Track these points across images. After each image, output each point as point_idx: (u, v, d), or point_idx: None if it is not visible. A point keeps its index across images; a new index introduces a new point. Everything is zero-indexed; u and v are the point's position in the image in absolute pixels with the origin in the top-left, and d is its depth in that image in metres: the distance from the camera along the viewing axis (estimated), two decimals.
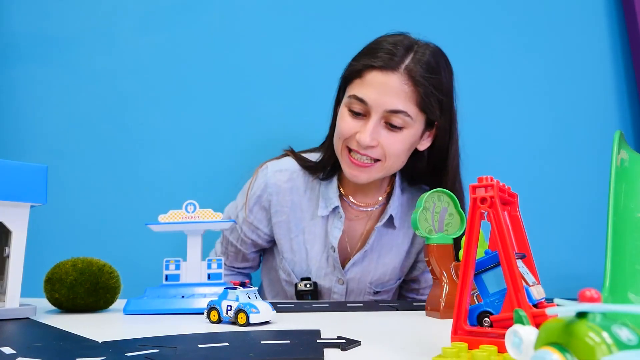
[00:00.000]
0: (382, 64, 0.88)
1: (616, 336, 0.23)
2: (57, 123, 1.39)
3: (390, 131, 0.90)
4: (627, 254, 0.52)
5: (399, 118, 0.89)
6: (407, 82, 0.87)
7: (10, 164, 0.68)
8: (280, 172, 1.05)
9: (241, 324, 0.58)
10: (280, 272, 1.09)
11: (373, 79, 0.88)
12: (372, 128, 0.89)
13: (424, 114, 0.91)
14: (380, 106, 0.88)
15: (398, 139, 0.91)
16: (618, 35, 1.48)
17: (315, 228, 1.04)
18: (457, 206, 0.75)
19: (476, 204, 0.42)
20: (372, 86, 0.88)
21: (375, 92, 0.88)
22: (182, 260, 0.78)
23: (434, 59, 0.90)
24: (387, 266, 1.06)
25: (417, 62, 0.88)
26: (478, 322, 0.42)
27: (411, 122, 0.90)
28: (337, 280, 1.05)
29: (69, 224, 1.33)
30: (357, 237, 1.06)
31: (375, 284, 1.06)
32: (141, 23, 1.43)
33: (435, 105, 0.90)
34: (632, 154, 0.64)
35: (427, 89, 0.88)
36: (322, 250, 1.04)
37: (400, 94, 0.87)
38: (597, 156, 1.32)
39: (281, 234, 1.05)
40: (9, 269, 0.68)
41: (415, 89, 0.88)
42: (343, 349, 0.44)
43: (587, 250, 1.17)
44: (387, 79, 0.87)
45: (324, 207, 1.02)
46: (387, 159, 0.92)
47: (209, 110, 1.40)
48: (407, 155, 0.96)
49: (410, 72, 0.87)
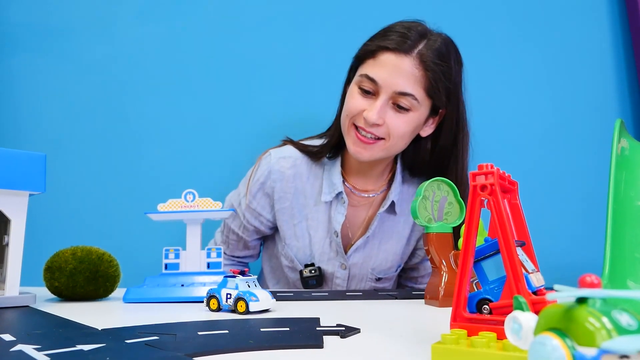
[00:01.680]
0: (395, 46, 0.91)
1: (616, 321, 0.23)
2: (56, 112, 1.38)
3: (397, 112, 0.93)
4: (627, 242, 0.53)
5: (407, 100, 0.91)
6: (418, 66, 0.90)
7: (9, 153, 0.68)
8: (284, 159, 1.06)
9: (241, 312, 0.59)
10: (282, 258, 1.09)
11: (386, 60, 0.91)
12: (380, 107, 0.91)
13: (430, 99, 0.94)
14: (389, 87, 0.91)
15: (403, 120, 0.93)
16: (619, 25, 1.47)
17: (318, 214, 1.05)
18: (457, 195, 0.75)
19: (476, 191, 0.42)
20: (384, 67, 0.91)
21: (386, 73, 0.91)
22: (182, 249, 0.78)
23: (445, 47, 0.93)
24: (389, 252, 1.07)
25: (429, 48, 0.91)
26: (477, 310, 0.42)
27: (417, 105, 0.92)
28: (340, 265, 1.06)
29: (68, 212, 1.33)
30: (359, 224, 1.07)
31: (377, 270, 1.08)
32: (140, 13, 1.42)
33: (442, 92, 0.93)
34: (632, 143, 0.64)
35: (436, 74, 0.91)
36: (325, 236, 1.05)
37: (410, 77, 0.90)
38: (598, 145, 1.32)
39: (284, 220, 1.06)
40: (8, 257, 0.68)
41: (425, 73, 0.90)
42: (342, 337, 0.44)
43: (586, 238, 1.17)
44: (400, 61, 0.90)
45: (327, 192, 1.03)
46: (391, 139, 0.94)
47: (209, 100, 1.40)
48: (410, 138, 0.98)
49: (422, 57, 0.90)
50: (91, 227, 1.33)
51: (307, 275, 1.03)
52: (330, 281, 1.07)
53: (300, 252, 1.06)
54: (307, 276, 1.03)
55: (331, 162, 1.06)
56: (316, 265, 1.05)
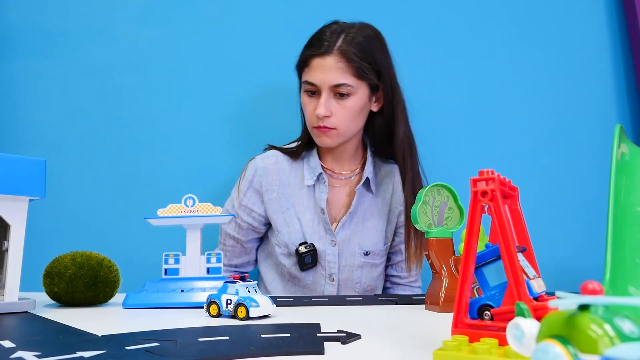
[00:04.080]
0: (319, 51, 1.08)
1: (618, 328, 0.23)
2: (55, 117, 1.38)
3: (340, 99, 1.09)
4: (628, 248, 0.52)
5: (343, 88, 1.08)
6: (340, 59, 1.07)
7: (9, 158, 0.67)
8: (267, 158, 1.19)
9: (241, 318, 0.58)
10: (277, 248, 1.16)
11: (315, 64, 1.09)
12: (324, 101, 1.08)
13: (363, 80, 1.09)
14: (326, 83, 1.08)
15: (347, 106, 1.09)
16: (617, 30, 1.47)
17: (303, 199, 1.17)
18: (457, 200, 0.75)
19: (477, 197, 0.42)
20: (316, 70, 1.09)
21: (319, 74, 1.08)
22: (182, 254, 0.78)
23: (362, 37, 1.09)
24: (371, 229, 1.17)
25: (347, 43, 1.07)
26: (478, 316, 0.42)
27: (354, 89, 1.08)
28: (330, 242, 1.15)
29: (67, 217, 1.33)
30: (342, 203, 1.18)
31: (364, 245, 1.16)
32: (140, 17, 1.43)
33: (370, 72, 1.08)
34: (632, 148, 0.64)
35: (358, 62, 1.07)
36: (313, 217, 1.16)
37: (338, 70, 1.07)
38: (598, 150, 1.32)
39: (274, 210, 1.16)
40: (7, 262, 0.68)
41: (348, 64, 1.07)
42: (343, 343, 0.44)
43: (587, 243, 1.17)
44: (325, 61, 1.07)
45: (309, 177, 1.16)
46: (342, 126, 1.10)
47: (208, 105, 1.40)
48: (360, 116, 1.13)
49: (342, 52, 1.07)
50: (91, 232, 1.32)
51: (303, 252, 1.12)
52: (323, 259, 1.14)
53: (292, 236, 1.15)
54: (303, 252, 1.12)
55: (308, 153, 1.19)
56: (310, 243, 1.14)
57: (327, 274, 1.14)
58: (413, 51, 1.44)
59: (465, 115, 1.43)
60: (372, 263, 1.16)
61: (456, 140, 1.41)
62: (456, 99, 1.43)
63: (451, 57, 1.44)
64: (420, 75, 1.44)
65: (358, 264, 1.15)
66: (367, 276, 1.16)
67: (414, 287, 1.21)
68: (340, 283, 1.15)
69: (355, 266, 1.15)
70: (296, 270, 1.14)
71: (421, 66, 1.44)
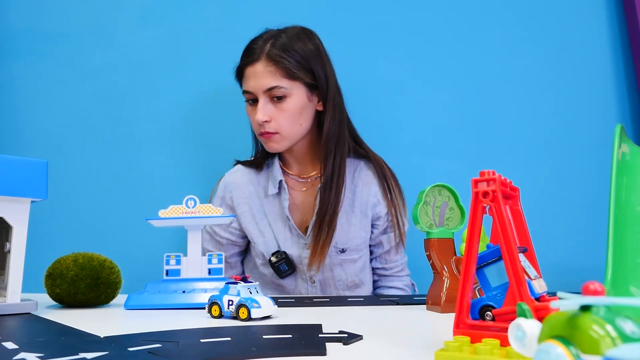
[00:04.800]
0: (250, 59, 1.11)
1: (620, 329, 0.23)
2: (56, 118, 1.39)
3: (277, 103, 1.10)
4: (629, 248, 0.52)
5: (277, 91, 1.09)
6: (268, 63, 1.09)
7: (10, 160, 0.68)
8: (235, 172, 1.22)
9: (242, 319, 0.59)
10: (256, 259, 1.17)
11: (248, 72, 1.11)
12: (262, 107, 1.10)
13: (295, 81, 1.10)
14: (259, 88, 1.10)
15: (285, 108, 1.10)
16: (618, 30, 1.47)
17: (272, 207, 1.18)
18: (458, 200, 0.75)
19: (478, 198, 0.42)
20: (250, 78, 1.11)
21: (252, 81, 1.10)
22: (183, 255, 0.78)
23: (287, 39, 1.11)
24: (345, 225, 1.16)
25: (273, 47, 1.09)
26: (480, 316, 0.42)
27: (288, 90, 1.10)
28: (304, 245, 1.15)
29: (69, 219, 1.33)
30: (309, 206, 1.18)
31: (338, 243, 1.15)
32: (140, 18, 1.43)
33: (301, 71, 1.10)
34: (633, 148, 0.64)
35: (287, 64, 1.08)
36: (283, 225, 1.16)
37: (267, 74, 1.09)
38: (598, 150, 1.32)
39: (247, 222, 1.17)
40: (10, 264, 0.68)
41: (276, 66, 1.08)
42: (345, 343, 0.44)
43: (588, 244, 1.17)
44: (255, 68, 1.10)
45: (272, 186, 1.17)
46: (284, 128, 1.11)
47: (209, 105, 1.40)
48: (303, 117, 1.13)
49: (270, 56, 1.09)
50: (92, 233, 1.33)
51: (276, 261, 1.13)
52: (300, 263, 1.15)
53: (268, 246, 1.16)
54: (276, 261, 1.13)
55: (271, 161, 1.20)
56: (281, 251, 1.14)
57: (308, 277, 1.15)
58: (414, 51, 1.44)
59: (466, 116, 1.43)
60: (350, 259, 1.16)
61: (457, 140, 1.42)
62: (457, 100, 1.43)
63: (452, 57, 1.44)
64: (421, 76, 1.44)
65: (336, 262, 1.16)
66: (348, 272, 1.16)
67: (402, 277, 1.22)
68: (322, 283, 1.16)
69: (334, 265, 1.15)
70: (277, 278, 1.15)
71: (422, 66, 1.44)
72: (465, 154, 1.40)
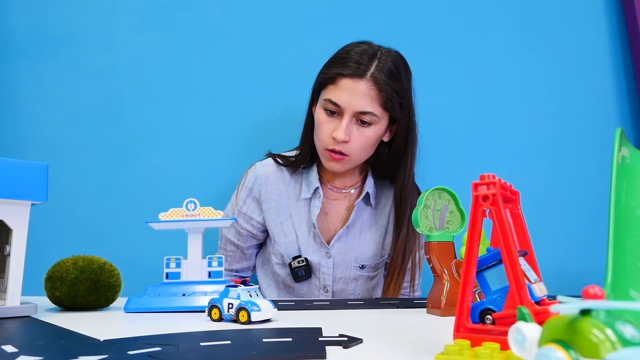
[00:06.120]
0: (351, 72, 1.03)
1: (620, 333, 0.23)
2: (57, 121, 1.39)
3: (361, 126, 1.06)
4: (629, 251, 0.53)
5: (368, 117, 1.04)
6: (372, 87, 1.03)
7: (11, 162, 0.68)
8: (267, 166, 1.18)
9: (242, 322, 0.58)
10: (273, 257, 1.16)
11: (344, 85, 1.03)
12: (346, 126, 1.04)
13: (387, 112, 1.06)
14: (351, 107, 1.03)
15: (366, 135, 1.06)
16: (617, 33, 1.47)
17: (300, 211, 1.16)
18: (458, 204, 0.75)
19: (478, 201, 0.42)
20: (344, 91, 1.03)
21: (346, 96, 1.03)
22: (183, 258, 0.78)
23: (394, 65, 1.06)
24: (369, 241, 1.16)
25: (380, 70, 1.03)
26: (480, 320, 0.42)
27: (377, 119, 1.05)
28: (325, 254, 1.14)
29: (69, 222, 1.33)
30: (340, 216, 1.17)
31: (360, 259, 1.15)
32: (140, 21, 1.43)
33: (396, 105, 1.05)
34: (633, 151, 0.64)
35: (389, 92, 1.03)
36: (308, 230, 1.15)
37: (367, 97, 1.03)
38: (598, 153, 1.33)
39: (272, 219, 1.15)
40: (9, 267, 0.68)
41: (379, 93, 1.03)
42: (345, 347, 0.44)
43: (588, 247, 1.17)
44: (356, 84, 1.03)
45: (306, 190, 1.15)
46: (355, 154, 1.08)
47: (209, 108, 1.40)
48: (373, 147, 1.11)
49: (375, 79, 1.03)
50: (92, 236, 1.33)
51: (296, 266, 1.12)
52: (318, 270, 1.14)
53: (289, 248, 1.14)
54: (296, 267, 1.12)
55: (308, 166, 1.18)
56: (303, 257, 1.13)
57: (322, 285, 1.14)
58: (413, 54, 1.44)
59: (466, 119, 1.43)
60: (367, 276, 1.16)
61: (457, 144, 1.42)
62: (457, 103, 1.43)
63: (452, 60, 1.44)
64: (420, 79, 1.44)
65: (353, 277, 1.15)
66: (362, 288, 1.16)
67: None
68: (334, 294, 1.15)
69: (351, 279, 1.15)
70: (290, 280, 1.14)
71: (421, 69, 1.44)
72: (466, 158, 1.40)
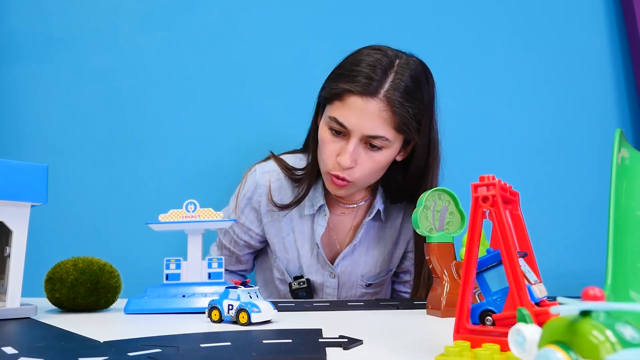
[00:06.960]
0: (360, 90, 0.88)
1: (620, 334, 0.23)
2: (57, 122, 1.39)
3: (370, 150, 0.93)
4: (629, 252, 0.53)
5: (378, 141, 0.91)
6: (385, 108, 0.88)
7: (10, 164, 0.68)
8: (268, 173, 1.07)
9: (242, 324, 0.58)
10: (275, 271, 1.11)
11: (353, 103, 0.89)
12: (352, 151, 0.91)
13: (401, 134, 0.93)
14: (359, 130, 0.90)
15: (375, 160, 0.94)
16: (617, 34, 1.48)
17: (303, 227, 1.07)
18: (458, 205, 0.75)
19: (478, 202, 0.42)
20: (352, 110, 0.89)
21: (354, 117, 0.89)
22: (183, 260, 0.78)
23: (413, 80, 0.91)
24: (376, 258, 1.09)
25: (395, 88, 0.89)
26: (480, 321, 0.42)
27: (389, 143, 0.92)
28: (329, 274, 1.07)
29: (69, 223, 1.33)
30: (346, 232, 1.09)
31: (366, 277, 1.09)
32: (141, 22, 1.43)
33: (412, 128, 0.92)
34: (632, 152, 0.64)
35: (404, 115, 0.89)
36: (310, 248, 1.07)
37: (379, 119, 0.89)
38: (598, 155, 1.32)
39: (272, 233, 1.08)
40: (9, 268, 0.68)
41: (393, 115, 0.89)
42: (345, 348, 0.44)
43: (588, 248, 1.17)
44: (366, 104, 0.88)
45: (310, 206, 1.05)
46: (361, 180, 0.96)
47: (210, 109, 1.40)
48: (384, 170, 0.99)
49: (389, 99, 0.88)
50: (92, 237, 1.32)
51: (296, 288, 1.05)
52: (321, 291, 1.08)
53: (290, 264, 1.08)
54: (296, 288, 1.05)
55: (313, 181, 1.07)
56: (305, 277, 1.07)
57: None
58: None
59: (466, 120, 1.43)
60: (373, 292, 1.11)
61: (457, 145, 1.41)
62: (456, 104, 1.43)
63: (451, 61, 1.44)
64: None
65: (359, 295, 1.09)
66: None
67: None
68: None
69: (356, 297, 1.09)
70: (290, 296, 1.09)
71: None
72: (465, 159, 1.40)
